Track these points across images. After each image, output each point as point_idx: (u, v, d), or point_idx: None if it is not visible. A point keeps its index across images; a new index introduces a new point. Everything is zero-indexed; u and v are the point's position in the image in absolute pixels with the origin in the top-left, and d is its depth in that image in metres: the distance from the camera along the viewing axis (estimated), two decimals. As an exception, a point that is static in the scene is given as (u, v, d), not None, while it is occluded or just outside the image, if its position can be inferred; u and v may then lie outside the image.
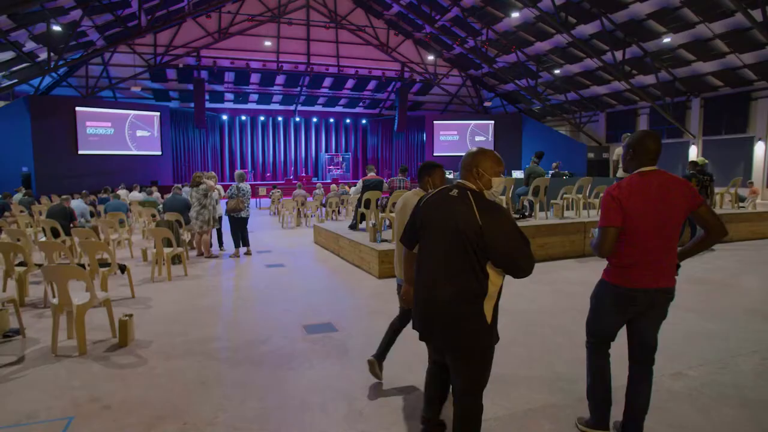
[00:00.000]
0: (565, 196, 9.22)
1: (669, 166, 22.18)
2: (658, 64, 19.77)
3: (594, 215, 9.34)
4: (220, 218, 9.06)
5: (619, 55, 19.17)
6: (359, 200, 8.85)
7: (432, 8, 21.89)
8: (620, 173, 9.24)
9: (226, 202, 8.47)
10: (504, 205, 8.51)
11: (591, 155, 24.06)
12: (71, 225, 8.67)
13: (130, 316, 4.48)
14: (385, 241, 7.56)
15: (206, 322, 5.13)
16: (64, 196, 9.09)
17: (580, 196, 8.95)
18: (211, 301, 5.97)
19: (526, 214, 8.89)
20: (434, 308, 2.26)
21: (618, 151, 9.15)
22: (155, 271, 7.15)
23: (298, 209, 13.26)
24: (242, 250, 8.82)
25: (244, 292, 6.38)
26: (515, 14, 19.60)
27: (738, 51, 17.76)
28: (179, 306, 5.73)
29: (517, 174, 13.33)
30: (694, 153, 21.07)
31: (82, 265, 5.85)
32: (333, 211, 13.91)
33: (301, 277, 7.25)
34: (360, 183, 8.76)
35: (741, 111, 19.67)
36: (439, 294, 2.24)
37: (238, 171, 8.65)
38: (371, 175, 8.86)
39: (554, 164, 13.59)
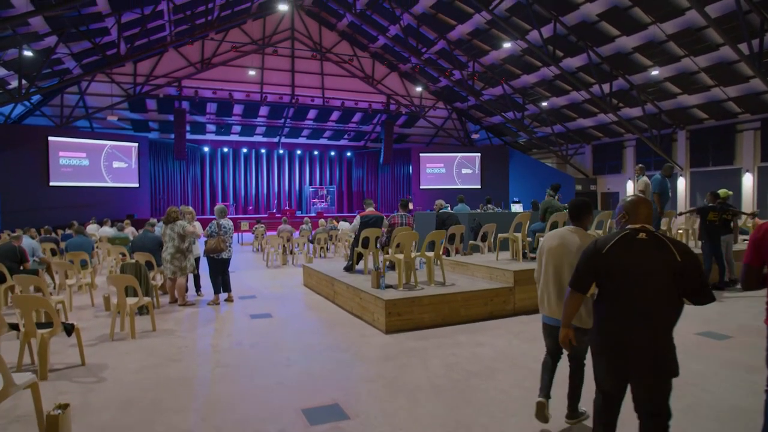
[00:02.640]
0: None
1: (657, 198, 21.72)
2: (644, 96, 19.50)
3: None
4: (198, 259, 7.78)
5: (606, 87, 18.82)
6: (356, 238, 7.70)
7: (419, 41, 21.40)
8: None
9: (205, 242, 7.22)
10: (520, 243, 7.46)
11: (579, 187, 23.50)
12: (21, 267, 7.29)
13: (66, 406, 3.19)
14: (390, 287, 6.39)
15: (173, 403, 3.84)
16: (14, 234, 7.72)
17: (600, 232, 7.95)
18: (182, 368, 4.67)
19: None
20: (639, 344, 2.40)
21: (643, 181, 8.18)
22: (116, 326, 5.82)
23: (284, 246, 11.99)
24: (222, 296, 7.52)
25: (225, 355, 5.09)
26: (507, 45, 19.22)
27: (722, 84, 17.58)
28: (141, 377, 4.42)
29: (517, 207, 12.40)
30: (682, 185, 20.64)
31: (15, 326, 4.52)
32: (321, 248, 12.69)
33: (292, 331, 5.99)
34: (357, 219, 7.62)
35: (726, 143, 19.39)
36: (644, 331, 2.40)
37: (218, 205, 7.41)
38: (370, 210, 7.71)
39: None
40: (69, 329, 4.54)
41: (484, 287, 6.43)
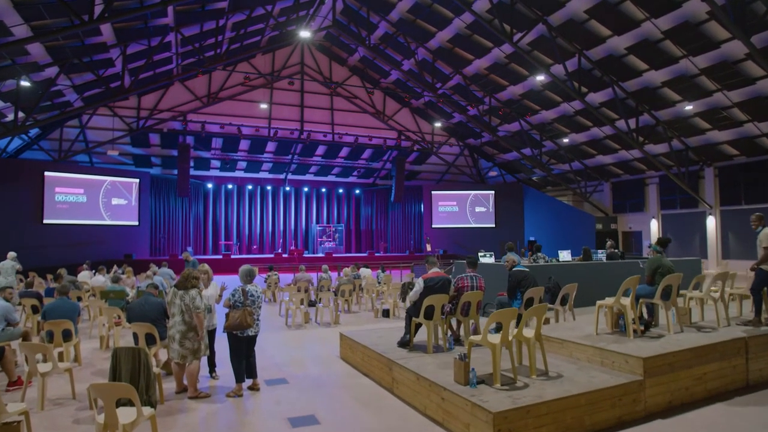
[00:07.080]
0: (691, 293, 6.47)
1: (684, 238, 20.11)
2: (671, 132, 18.23)
3: (734, 324, 6.42)
4: (213, 332, 5.89)
5: (632, 123, 17.53)
6: (415, 306, 5.88)
7: (434, 76, 20.16)
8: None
9: (226, 314, 5.36)
10: (630, 314, 5.68)
11: (600, 226, 21.88)
12: (-19, 348, 5.37)
13: None
14: (483, 383, 4.54)
15: None
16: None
17: (716, 294, 6.20)
18: None
19: (649, 322, 6.04)
20: None
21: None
22: (103, 450, 3.87)
23: (302, 299, 9.96)
24: (246, 382, 5.59)
25: None
26: (537, 77, 18.09)
27: (757, 119, 16.39)
28: None
29: (564, 255, 10.56)
30: (712, 224, 19.13)
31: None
32: (346, 300, 10.78)
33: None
34: (420, 283, 5.81)
35: (760, 180, 18.00)
36: None
37: (244, 266, 5.54)
38: (434, 271, 5.88)
39: (608, 243, 11.00)
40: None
41: (607, 382, 4.60)
